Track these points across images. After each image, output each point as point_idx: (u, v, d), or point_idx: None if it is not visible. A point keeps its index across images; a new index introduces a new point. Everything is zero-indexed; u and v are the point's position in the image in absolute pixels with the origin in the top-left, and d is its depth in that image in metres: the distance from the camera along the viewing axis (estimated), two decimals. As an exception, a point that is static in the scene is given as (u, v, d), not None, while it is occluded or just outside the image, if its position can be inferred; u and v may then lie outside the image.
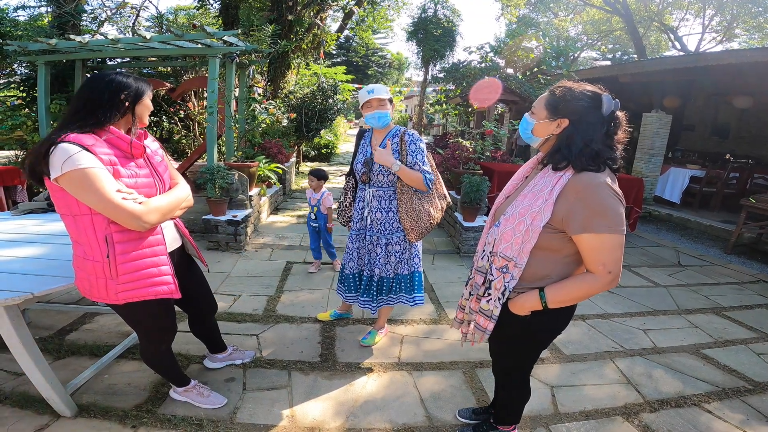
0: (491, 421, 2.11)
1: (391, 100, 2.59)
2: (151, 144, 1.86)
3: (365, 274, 2.78)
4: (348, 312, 3.29)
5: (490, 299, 1.63)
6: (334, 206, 4.03)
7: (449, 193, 5.75)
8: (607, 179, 1.41)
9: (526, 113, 1.61)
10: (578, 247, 1.45)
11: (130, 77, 1.72)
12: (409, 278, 2.80)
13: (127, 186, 1.64)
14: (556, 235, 1.48)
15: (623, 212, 1.41)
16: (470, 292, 1.82)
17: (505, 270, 1.57)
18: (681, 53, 18.71)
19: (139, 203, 1.64)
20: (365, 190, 2.68)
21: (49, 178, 1.53)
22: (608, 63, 22.12)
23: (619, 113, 1.46)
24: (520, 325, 1.62)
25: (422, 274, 2.87)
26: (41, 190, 1.65)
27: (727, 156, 9.16)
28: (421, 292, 2.87)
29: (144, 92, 1.74)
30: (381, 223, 2.65)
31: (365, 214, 2.69)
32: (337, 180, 10.01)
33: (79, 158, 1.49)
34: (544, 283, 1.55)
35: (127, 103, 1.68)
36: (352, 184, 2.85)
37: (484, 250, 1.69)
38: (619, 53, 23.67)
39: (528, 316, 1.58)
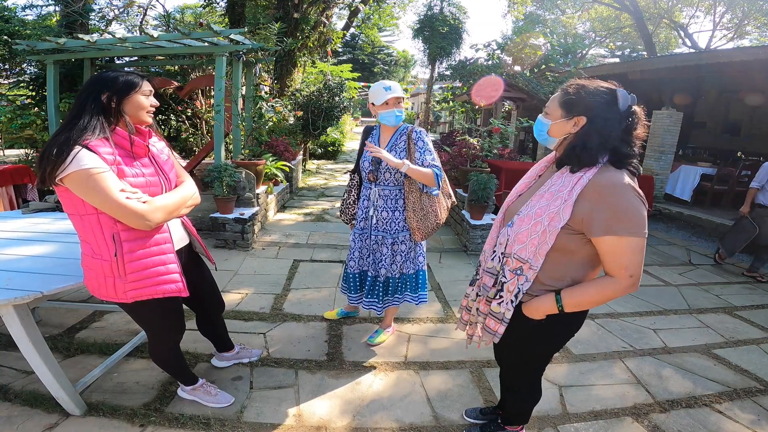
0: (499, 421, 2.10)
1: (403, 98, 2.56)
2: (157, 143, 1.85)
3: (369, 274, 2.76)
4: (355, 310, 3.28)
5: (502, 302, 1.57)
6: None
7: (457, 191, 5.76)
8: (629, 179, 1.37)
9: (540, 115, 1.56)
10: (598, 249, 1.40)
11: (117, 75, 1.66)
12: (414, 277, 2.78)
13: (132, 185, 1.63)
14: (574, 237, 1.43)
15: (646, 214, 1.36)
16: (477, 294, 1.78)
17: (519, 272, 1.51)
18: (691, 50, 18.51)
19: (144, 202, 1.63)
20: (371, 188, 2.64)
21: (54, 180, 1.53)
22: (617, 60, 21.92)
23: (637, 108, 1.41)
24: (534, 328, 1.57)
25: (426, 273, 2.85)
26: (51, 189, 1.64)
27: (739, 154, 9.05)
28: (425, 290, 2.85)
29: (129, 89, 1.66)
30: (387, 222, 2.63)
31: (371, 213, 2.66)
32: (343, 177, 10.02)
33: (82, 158, 1.49)
34: (558, 285, 1.51)
35: (112, 104, 1.63)
36: (357, 182, 2.81)
37: (494, 251, 1.63)
38: (628, 50, 23.45)
39: (543, 320, 1.54)
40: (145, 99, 1.72)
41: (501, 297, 1.58)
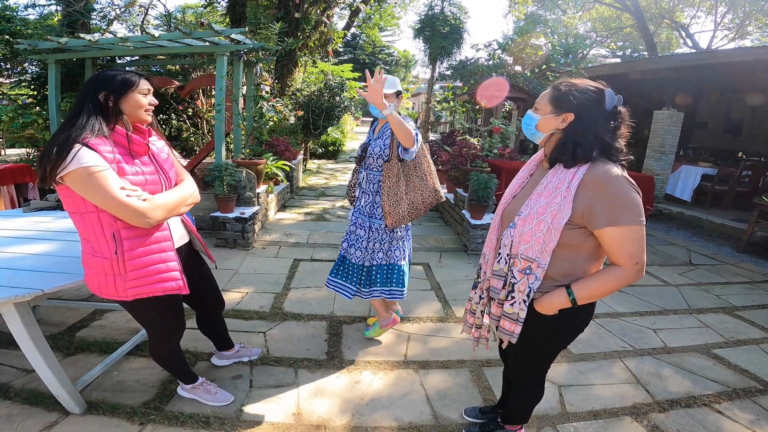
0: (498, 420, 2.10)
1: (399, 93, 2.63)
2: (157, 142, 1.86)
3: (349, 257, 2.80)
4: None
5: (515, 302, 1.58)
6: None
7: (457, 191, 5.76)
8: (621, 171, 1.42)
9: (530, 110, 1.60)
10: (601, 241, 1.44)
11: (115, 74, 1.67)
12: (386, 269, 2.75)
13: (132, 183, 1.64)
14: (576, 231, 1.46)
15: (641, 202, 1.41)
16: (480, 297, 1.78)
17: (528, 271, 1.53)
18: (692, 51, 18.48)
19: (144, 200, 1.64)
20: (362, 172, 2.75)
21: (54, 179, 1.54)
22: (618, 60, 21.89)
23: (622, 108, 1.46)
24: (544, 325, 1.59)
25: (403, 270, 2.79)
26: (52, 188, 1.65)
27: (740, 154, 9.04)
28: (401, 287, 2.78)
29: (125, 88, 1.66)
30: (369, 206, 2.71)
31: (358, 195, 2.78)
32: (344, 177, 10.03)
33: (83, 157, 1.50)
34: (567, 280, 1.52)
35: (109, 103, 1.64)
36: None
37: (499, 253, 1.63)
38: (629, 51, 23.41)
39: (554, 315, 1.55)
40: (143, 98, 1.72)
41: (513, 298, 1.58)
